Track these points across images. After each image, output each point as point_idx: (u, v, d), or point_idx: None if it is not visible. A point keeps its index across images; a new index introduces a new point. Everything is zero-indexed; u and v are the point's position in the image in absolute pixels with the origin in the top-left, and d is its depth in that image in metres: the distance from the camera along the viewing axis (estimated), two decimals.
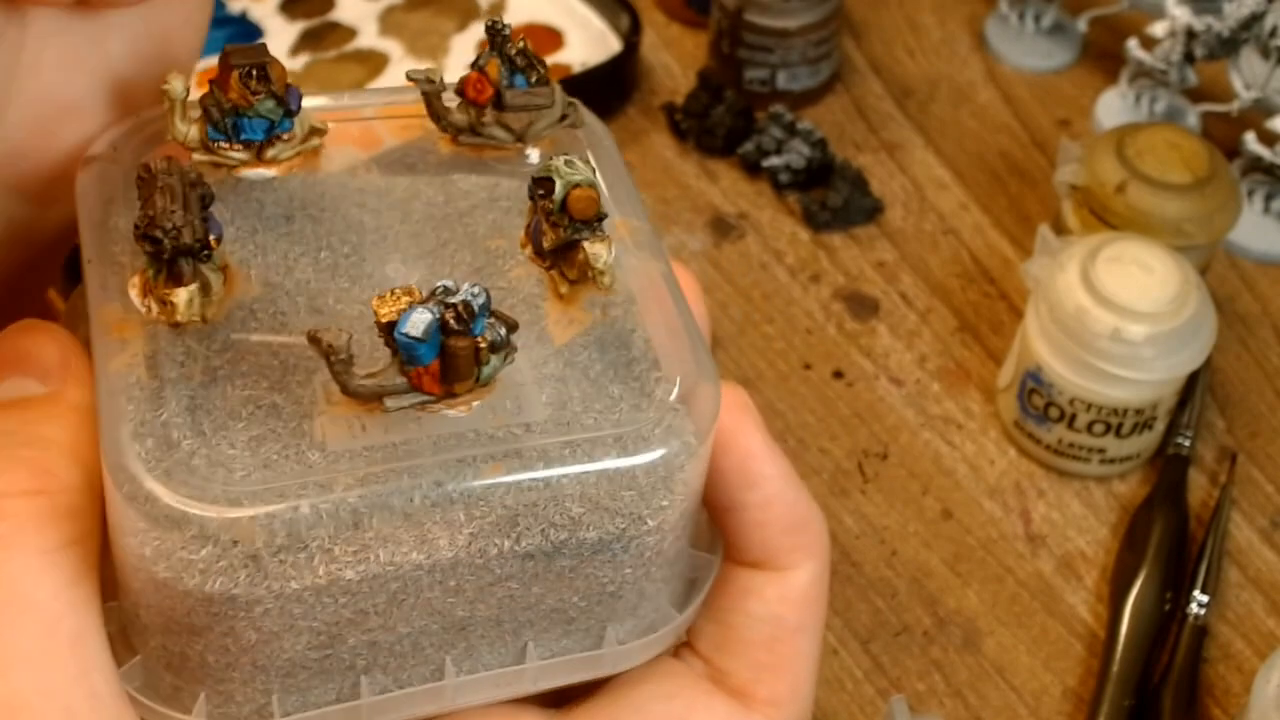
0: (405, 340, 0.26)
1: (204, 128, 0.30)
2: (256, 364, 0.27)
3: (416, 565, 0.26)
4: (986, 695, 0.59)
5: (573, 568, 0.28)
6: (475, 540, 0.27)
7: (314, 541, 0.25)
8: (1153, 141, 0.68)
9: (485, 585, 0.28)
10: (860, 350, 0.70)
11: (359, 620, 0.27)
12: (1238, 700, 0.58)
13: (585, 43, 0.81)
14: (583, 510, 0.27)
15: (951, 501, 0.65)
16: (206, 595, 0.26)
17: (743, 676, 0.31)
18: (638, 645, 0.30)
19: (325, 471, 0.26)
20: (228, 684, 0.27)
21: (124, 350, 0.27)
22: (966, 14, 0.86)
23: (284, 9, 0.85)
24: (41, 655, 0.26)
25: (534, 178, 0.29)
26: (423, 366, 0.26)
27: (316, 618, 0.26)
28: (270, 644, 0.27)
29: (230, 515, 0.25)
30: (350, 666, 0.28)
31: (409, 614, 0.27)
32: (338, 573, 0.26)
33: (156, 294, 0.27)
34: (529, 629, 0.29)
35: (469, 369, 0.26)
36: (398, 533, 0.26)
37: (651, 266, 0.30)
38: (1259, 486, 0.65)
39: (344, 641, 0.27)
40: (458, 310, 0.26)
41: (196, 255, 0.27)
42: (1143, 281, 0.61)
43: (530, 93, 0.32)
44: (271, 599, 0.26)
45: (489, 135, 0.32)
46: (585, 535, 0.28)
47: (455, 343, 0.26)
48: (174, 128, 0.30)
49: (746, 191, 0.77)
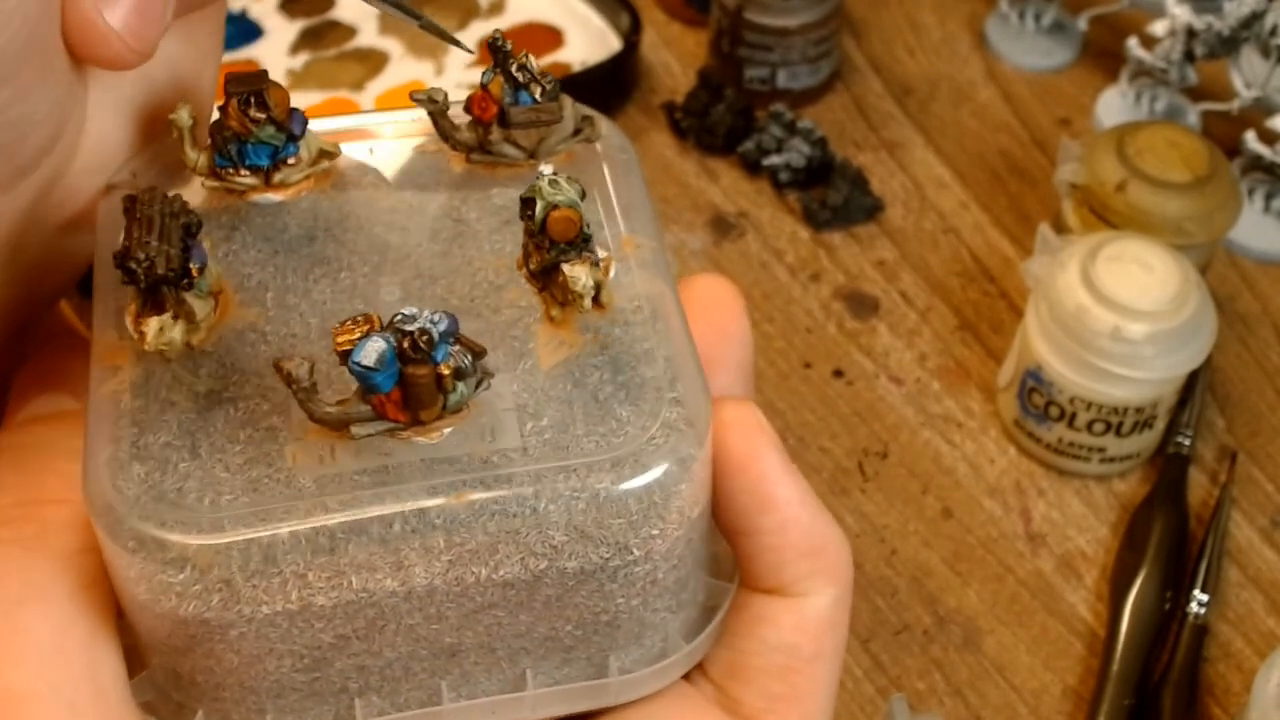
0: (359, 369, 0.26)
1: (211, 155, 0.31)
2: (250, 389, 0.28)
3: (391, 592, 0.26)
4: (986, 694, 0.59)
5: (558, 597, 0.28)
6: (453, 568, 0.26)
7: (288, 567, 0.25)
8: (1153, 140, 0.68)
9: (469, 613, 0.27)
10: (860, 349, 0.70)
11: (341, 645, 0.27)
12: (1238, 699, 0.58)
13: (585, 42, 0.81)
14: (565, 539, 0.27)
15: (951, 500, 0.65)
16: (182, 619, 0.26)
17: (754, 706, 0.31)
18: (644, 674, 0.30)
19: (299, 498, 0.26)
20: (221, 703, 0.28)
21: (114, 376, 0.28)
22: (967, 13, 0.86)
23: (284, 8, 0.85)
24: (53, 651, 0.26)
25: (521, 198, 0.29)
26: (383, 394, 0.26)
27: (295, 641, 0.27)
28: (253, 666, 0.27)
29: (201, 541, 0.25)
30: (342, 689, 0.28)
31: (392, 639, 0.27)
32: (310, 599, 0.26)
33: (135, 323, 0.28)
34: (525, 656, 0.29)
35: (430, 397, 0.26)
36: (373, 559, 0.26)
37: (653, 286, 0.30)
38: (1259, 486, 0.65)
39: (331, 665, 0.27)
40: (414, 338, 0.26)
41: (175, 284, 0.27)
42: (1143, 280, 0.61)
43: (536, 109, 0.31)
44: (244, 623, 0.26)
45: (499, 153, 0.32)
46: (566, 564, 0.27)
47: (414, 371, 0.26)
48: (186, 155, 0.31)
49: (746, 190, 0.77)
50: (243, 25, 0.83)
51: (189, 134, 0.30)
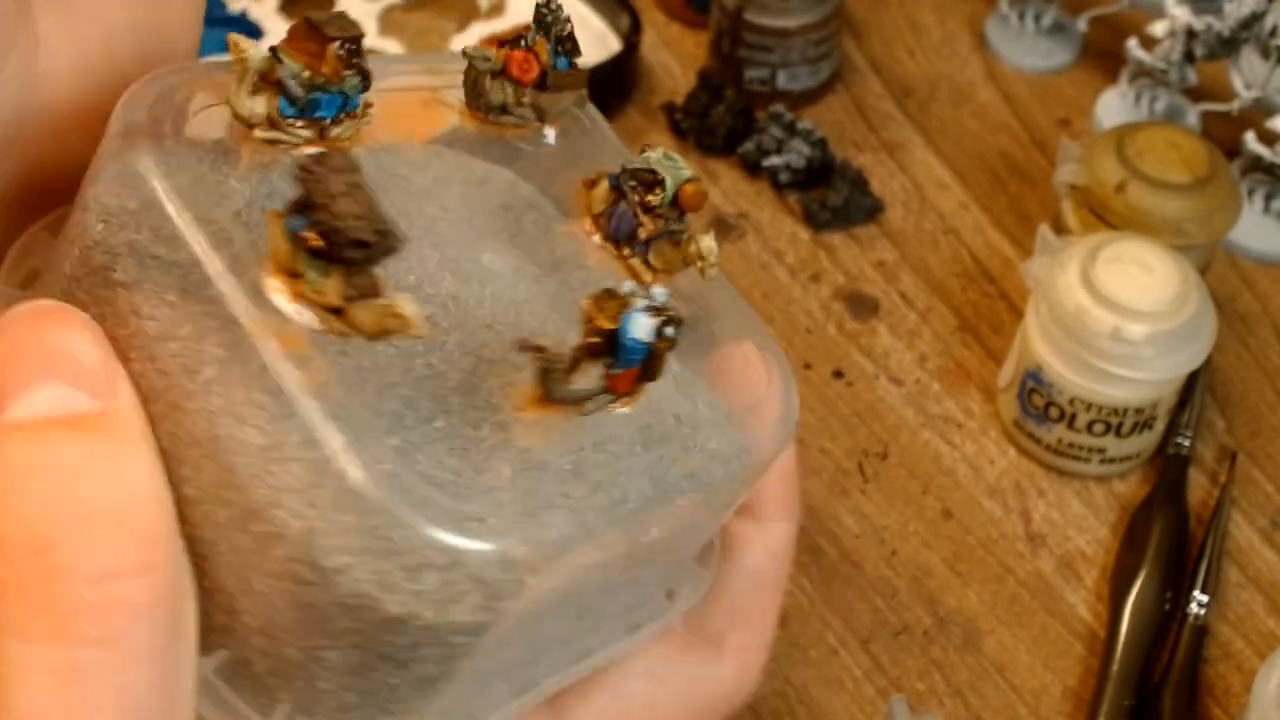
0: (635, 344, 0.25)
1: (274, 102, 0.27)
2: (421, 371, 0.26)
3: (589, 568, 0.26)
4: (986, 695, 0.59)
5: (682, 541, 0.29)
6: (636, 542, 0.27)
7: (553, 559, 0.25)
8: (1153, 141, 0.68)
9: (621, 579, 0.28)
10: (860, 350, 0.70)
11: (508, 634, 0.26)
12: (1238, 700, 0.58)
13: (585, 42, 0.80)
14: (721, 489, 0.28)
15: (951, 501, 0.65)
16: (438, 625, 0.24)
17: (719, 623, 0.32)
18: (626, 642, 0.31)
19: (549, 488, 0.25)
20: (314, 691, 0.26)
21: (307, 367, 0.24)
22: (966, 13, 0.86)
23: (284, 9, 0.85)
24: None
25: (628, 169, 0.30)
26: (632, 369, 0.26)
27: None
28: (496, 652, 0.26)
29: (484, 546, 0.23)
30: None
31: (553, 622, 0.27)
32: (543, 587, 0.25)
33: (355, 304, 0.25)
34: (637, 610, 0.30)
35: (661, 369, 0.26)
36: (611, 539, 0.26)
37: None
38: (1259, 486, 0.65)
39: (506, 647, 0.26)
40: (669, 315, 0.26)
41: (384, 255, 0.25)
42: (1143, 281, 0.61)
43: (572, 74, 0.32)
44: (500, 621, 0.25)
45: (520, 115, 0.32)
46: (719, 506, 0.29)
47: (664, 345, 0.26)
48: (239, 102, 0.27)
49: (746, 191, 0.77)
50: (243, 26, 0.83)
51: (251, 76, 0.27)
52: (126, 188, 0.25)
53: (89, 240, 0.26)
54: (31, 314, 0.24)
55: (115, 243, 0.25)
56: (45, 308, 0.25)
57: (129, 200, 0.25)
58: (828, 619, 0.61)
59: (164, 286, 0.25)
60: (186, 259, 0.25)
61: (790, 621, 0.60)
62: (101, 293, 0.25)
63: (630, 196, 0.30)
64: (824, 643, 0.60)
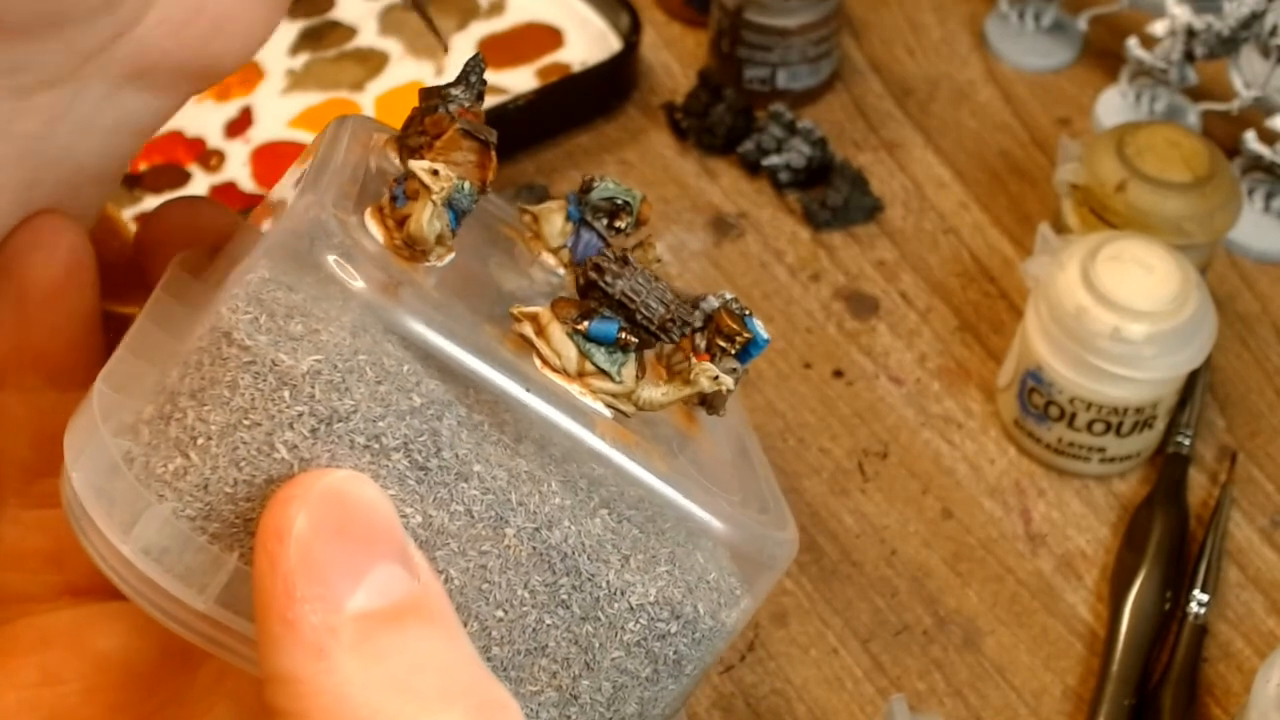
0: (761, 339, 0.34)
1: (445, 218, 0.28)
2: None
3: None
4: (986, 695, 0.59)
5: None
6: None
7: None
8: (1153, 140, 0.67)
9: None
10: (860, 349, 0.70)
11: None
12: (1238, 700, 0.58)
13: (585, 42, 0.81)
14: None
15: (951, 501, 0.65)
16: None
17: None
18: None
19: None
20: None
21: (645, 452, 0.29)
22: (966, 13, 0.86)
23: None
24: None
25: (589, 203, 0.33)
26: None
27: None
28: None
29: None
30: None
31: None
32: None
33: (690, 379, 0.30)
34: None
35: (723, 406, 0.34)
36: None
37: None
38: (1259, 486, 0.65)
39: None
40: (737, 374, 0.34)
41: (680, 336, 0.30)
42: (1143, 280, 0.61)
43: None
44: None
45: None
46: None
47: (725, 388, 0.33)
48: (425, 225, 0.27)
49: (746, 190, 0.77)
50: None
51: (438, 211, 0.27)
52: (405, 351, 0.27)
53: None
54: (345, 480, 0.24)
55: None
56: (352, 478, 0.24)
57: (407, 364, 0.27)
58: (827, 618, 0.61)
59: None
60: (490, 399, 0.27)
61: (790, 621, 0.60)
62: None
63: (595, 224, 0.33)
64: (824, 642, 0.60)
